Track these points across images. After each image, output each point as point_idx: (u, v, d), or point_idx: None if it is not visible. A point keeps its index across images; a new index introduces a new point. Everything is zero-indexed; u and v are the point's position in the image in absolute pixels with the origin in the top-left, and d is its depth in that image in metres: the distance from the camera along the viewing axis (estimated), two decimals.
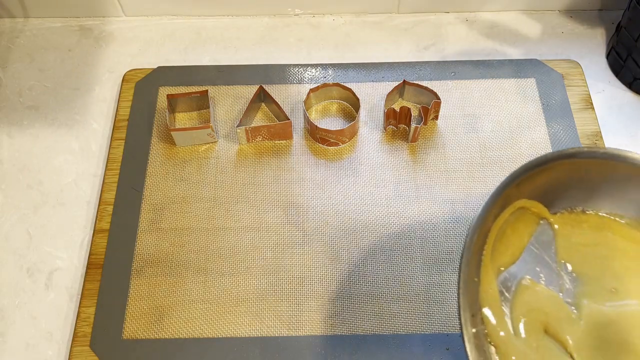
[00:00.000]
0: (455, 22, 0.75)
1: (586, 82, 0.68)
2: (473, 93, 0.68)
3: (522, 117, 0.66)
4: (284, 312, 0.55)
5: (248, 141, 0.65)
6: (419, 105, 0.66)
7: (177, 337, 0.54)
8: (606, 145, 0.64)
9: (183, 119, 0.67)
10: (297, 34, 0.75)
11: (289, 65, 0.70)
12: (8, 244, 0.60)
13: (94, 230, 0.60)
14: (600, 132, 0.65)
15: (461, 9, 0.75)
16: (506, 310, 0.46)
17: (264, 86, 0.65)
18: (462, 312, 0.41)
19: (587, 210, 0.50)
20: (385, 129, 0.65)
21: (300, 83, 0.69)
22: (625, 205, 0.50)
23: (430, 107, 0.64)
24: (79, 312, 0.56)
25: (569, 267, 0.48)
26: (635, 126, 0.67)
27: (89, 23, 0.76)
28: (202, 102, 0.66)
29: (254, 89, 0.67)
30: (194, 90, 0.66)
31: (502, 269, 0.47)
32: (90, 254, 0.59)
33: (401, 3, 0.74)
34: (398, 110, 0.63)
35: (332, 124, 0.66)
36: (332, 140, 0.64)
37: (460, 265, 0.42)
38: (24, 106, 0.69)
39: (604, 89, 0.70)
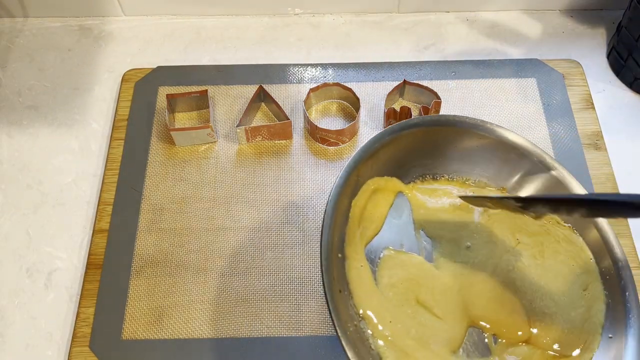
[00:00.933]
0: (455, 22, 0.75)
1: (587, 82, 0.68)
2: (473, 93, 0.68)
3: (523, 117, 0.66)
4: (284, 312, 0.55)
5: (248, 141, 0.65)
6: (420, 105, 0.66)
7: (177, 337, 0.54)
8: (606, 145, 0.64)
9: (183, 118, 0.67)
10: (297, 34, 0.75)
11: (289, 65, 0.70)
12: (7, 244, 0.60)
13: (94, 231, 0.60)
14: (600, 131, 0.65)
15: (461, 8, 0.75)
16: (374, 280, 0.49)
17: (263, 86, 0.65)
18: (326, 289, 0.43)
19: (437, 177, 0.55)
20: (385, 128, 0.65)
21: (300, 83, 0.69)
22: (469, 168, 0.55)
23: (431, 106, 0.63)
24: (78, 313, 0.56)
25: (424, 232, 0.53)
26: (635, 126, 0.67)
27: (89, 23, 0.76)
28: (201, 102, 0.66)
29: (253, 88, 0.67)
30: (193, 90, 0.66)
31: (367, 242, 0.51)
32: (89, 254, 0.58)
33: (401, 3, 0.74)
34: (398, 110, 0.63)
35: (332, 123, 0.66)
36: (332, 140, 0.63)
37: (320, 243, 0.44)
38: (23, 106, 0.69)
39: (604, 88, 0.69)
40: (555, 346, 0.47)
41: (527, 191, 0.54)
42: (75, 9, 0.75)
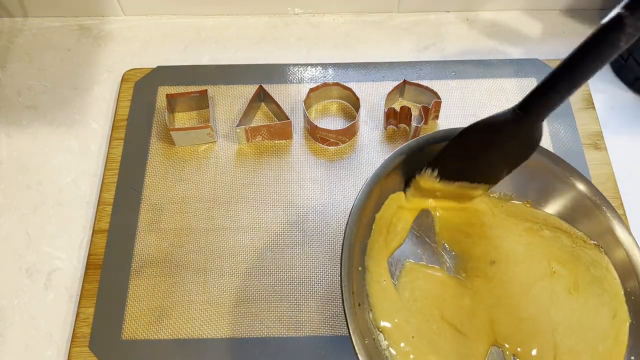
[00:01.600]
0: (455, 22, 0.75)
1: (587, 82, 0.68)
2: (474, 93, 0.68)
3: None
4: (283, 312, 0.55)
5: (248, 141, 0.64)
6: (420, 105, 0.65)
7: (177, 337, 0.54)
8: (607, 145, 0.64)
9: (182, 118, 0.67)
10: (297, 34, 0.74)
11: (289, 65, 0.70)
12: (7, 244, 0.60)
13: (93, 231, 0.60)
14: (601, 131, 0.65)
15: (461, 8, 0.75)
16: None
17: (263, 86, 0.65)
18: (345, 302, 0.42)
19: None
20: (385, 128, 0.65)
21: (300, 82, 0.69)
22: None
23: (431, 106, 0.63)
24: (78, 313, 0.55)
25: (447, 246, 0.51)
26: (636, 126, 0.67)
27: (88, 22, 0.76)
28: (201, 102, 0.66)
29: (253, 88, 0.66)
30: (193, 90, 0.66)
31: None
32: (89, 254, 0.58)
33: (401, 2, 0.74)
34: (398, 110, 0.63)
35: (332, 123, 0.66)
36: (332, 140, 0.63)
37: (341, 256, 0.43)
38: (23, 106, 0.69)
39: (605, 88, 0.69)
40: None
41: (553, 207, 0.52)
42: (74, 9, 0.75)
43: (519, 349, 0.46)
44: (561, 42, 0.73)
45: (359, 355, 0.41)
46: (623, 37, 0.32)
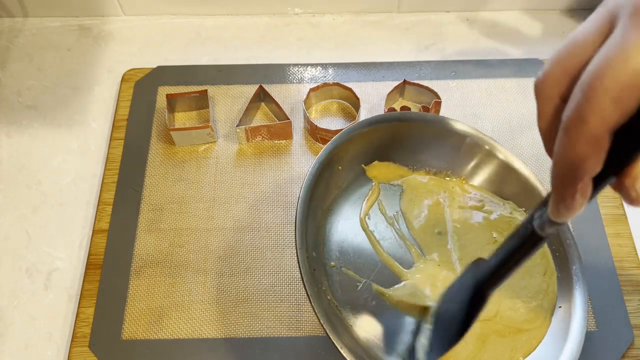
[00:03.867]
0: (455, 22, 0.75)
1: None
2: (474, 93, 0.68)
3: (523, 117, 0.66)
4: (284, 312, 0.55)
5: (248, 141, 0.64)
6: (420, 105, 0.65)
7: (177, 337, 0.54)
8: None
9: (182, 118, 0.67)
10: (297, 34, 0.74)
11: (289, 65, 0.70)
12: (7, 244, 0.60)
13: (93, 231, 0.60)
14: None
15: (462, 8, 0.75)
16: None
17: (263, 86, 0.65)
18: (302, 267, 0.45)
19: (419, 169, 0.58)
20: None
21: (300, 82, 0.69)
22: (430, 158, 0.57)
23: (431, 106, 0.63)
24: (78, 313, 0.55)
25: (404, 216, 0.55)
26: None
27: (88, 22, 0.76)
28: (201, 102, 0.66)
29: (253, 88, 0.66)
30: (193, 90, 0.66)
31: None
32: (89, 254, 0.58)
33: (401, 2, 0.74)
34: (398, 110, 0.63)
35: (332, 123, 0.66)
36: None
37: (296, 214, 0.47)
38: (22, 106, 0.69)
39: None
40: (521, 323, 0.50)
41: (479, 178, 0.57)
42: (74, 9, 0.75)
43: None
44: (561, 42, 0.73)
45: (318, 315, 0.43)
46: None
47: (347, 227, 0.53)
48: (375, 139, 0.55)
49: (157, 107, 0.67)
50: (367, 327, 0.48)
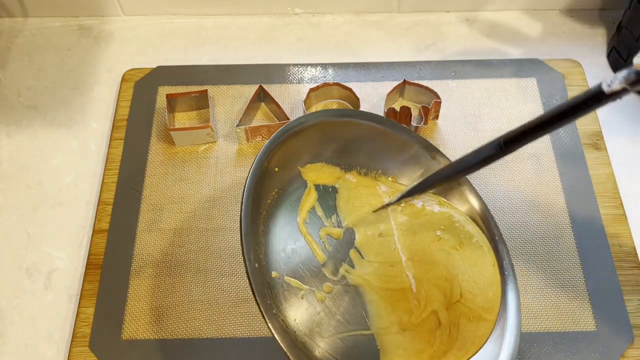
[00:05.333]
0: (455, 22, 0.75)
1: (587, 82, 0.68)
2: (474, 93, 0.68)
3: (523, 117, 0.66)
4: None
5: (248, 141, 0.64)
6: (420, 105, 0.65)
7: (177, 337, 0.54)
8: (607, 145, 0.64)
9: (182, 118, 0.67)
10: (297, 34, 0.74)
11: (289, 65, 0.70)
12: (7, 244, 0.60)
13: (93, 231, 0.60)
14: (601, 131, 0.65)
15: (462, 8, 0.75)
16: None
17: (263, 86, 0.65)
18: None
19: (350, 169, 0.57)
20: None
21: (300, 83, 0.69)
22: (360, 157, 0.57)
23: (431, 106, 0.63)
24: (78, 313, 0.55)
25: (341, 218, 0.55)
26: (636, 126, 0.67)
27: (88, 22, 0.76)
28: (201, 102, 0.66)
29: (253, 88, 0.66)
30: (193, 90, 0.66)
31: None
32: (89, 254, 0.58)
33: (401, 2, 0.74)
34: (398, 110, 0.63)
35: None
36: None
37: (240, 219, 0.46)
38: (23, 106, 0.69)
39: None
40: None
41: (411, 178, 0.58)
42: (75, 9, 0.75)
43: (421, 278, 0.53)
44: (561, 42, 0.73)
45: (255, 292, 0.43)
46: (606, 102, 0.37)
47: (286, 233, 0.52)
48: (308, 140, 0.54)
49: (157, 107, 0.67)
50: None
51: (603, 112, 0.67)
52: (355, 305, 0.50)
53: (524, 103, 0.67)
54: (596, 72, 0.70)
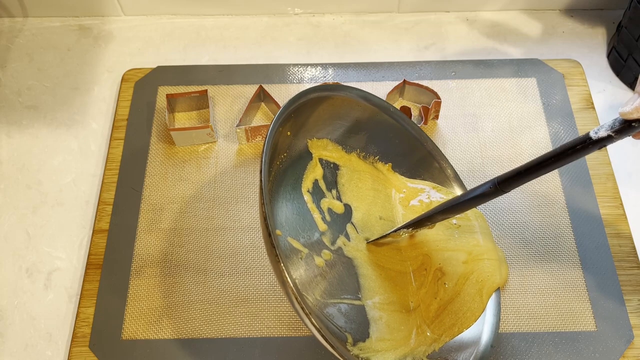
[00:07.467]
0: (455, 22, 0.75)
1: (587, 82, 0.68)
2: (473, 93, 0.68)
3: (523, 117, 0.66)
4: (283, 312, 0.55)
5: (248, 141, 0.64)
6: (420, 105, 0.65)
7: (177, 337, 0.54)
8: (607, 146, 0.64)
9: (182, 118, 0.67)
10: (297, 34, 0.74)
11: (289, 65, 0.70)
12: (7, 244, 0.60)
13: (93, 231, 0.60)
14: None
15: (462, 8, 0.75)
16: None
17: (263, 86, 0.65)
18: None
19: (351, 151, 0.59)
20: None
21: (300, 83, 0.69)
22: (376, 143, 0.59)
23: (431, 106, 0.63)
24: (78, 313, 0.55)
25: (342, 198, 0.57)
26: None
27: (88, 22, 0.76)
28: (201, 102, 0.66)
29: (253, 88, 0.66)
30: (193, 90, 0.66)
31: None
32: (89, 254, 0.58)
33: (401, 2, 0.74)
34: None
35: None
36: None
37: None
38: (23, 106, 0.69)
39: (604, 88, 0.69)
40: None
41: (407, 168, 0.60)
42: (74, 9, 0.75)
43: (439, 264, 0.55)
44: (561, 42, 0.73)
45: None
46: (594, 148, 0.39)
47: (290, 196, 0.53)
48: (322, 111, 0.55)
49: (157, 107, 0.67)
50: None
51: (603, 113, 0.67)
52: (349, 276, 0.52)
53: (524, 103, 0.67)
54: (596, 72, 0.70)
